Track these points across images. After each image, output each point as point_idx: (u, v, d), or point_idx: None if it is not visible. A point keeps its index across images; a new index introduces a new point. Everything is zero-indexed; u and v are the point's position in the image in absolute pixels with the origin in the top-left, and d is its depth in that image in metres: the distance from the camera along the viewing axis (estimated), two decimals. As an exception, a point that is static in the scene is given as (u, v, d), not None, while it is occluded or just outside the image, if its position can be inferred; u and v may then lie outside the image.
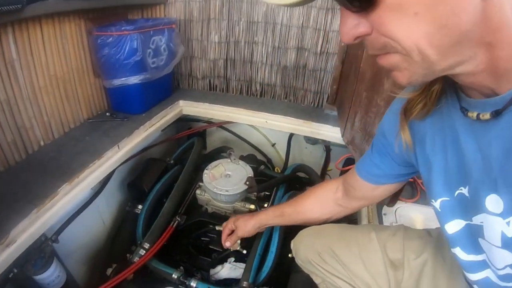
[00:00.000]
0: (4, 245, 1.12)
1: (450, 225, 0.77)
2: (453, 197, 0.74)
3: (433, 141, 0.76)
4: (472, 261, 0.75)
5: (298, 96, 2.28)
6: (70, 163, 1.50)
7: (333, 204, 1.20)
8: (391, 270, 1.02)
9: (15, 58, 1.40)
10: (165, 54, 2.01)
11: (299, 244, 1.26)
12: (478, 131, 0.62)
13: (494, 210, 0.62)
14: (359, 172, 1.04)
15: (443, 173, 0.75)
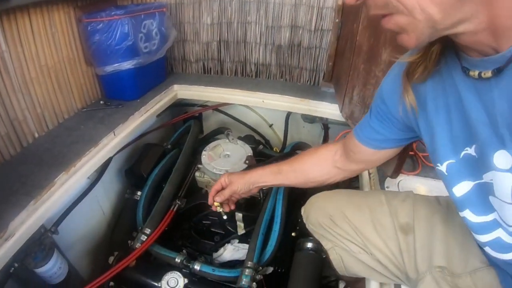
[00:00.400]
0: (2, 239, 1.11)
1: (458, 188, 0.78)
2: (459, 159, 0.74)
3: (435, 104, 0.76)
4: (482, 222, 0.76)
5: (294, 74, 2.26)
6: (66, 153, 1.48)
7: (331, 166, 1.20)
8: (401, 235, 1.01)
9: (4, 49, 1.38)
10: (157, 38, 1.98)
11: (310, 208, 1.25)
12: (481, 90, 0.62)
13: (503, 166, 0.62)
14: (358, 137, 1.04)
15: (448, 135, 0.75)
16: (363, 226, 1.08)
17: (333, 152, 1.19)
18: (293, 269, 1.49)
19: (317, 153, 1.25)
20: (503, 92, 0.59)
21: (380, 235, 1.05)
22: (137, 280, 1.35)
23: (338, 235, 1.13)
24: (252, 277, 1.31)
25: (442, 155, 0.78)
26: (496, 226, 0.74)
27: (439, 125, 0.76)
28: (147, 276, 1.34)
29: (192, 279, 1.31)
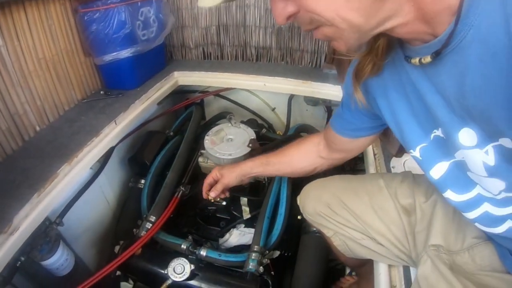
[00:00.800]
0: (7, 234, 1.11)
1: (434, 170, 0.79)
2: (430, 141, 0.76)
3: (396, 93, 0.78)
4: (466, 200, 0.77)
5: (295, 57, 2.24)
6: (68, 144, 1.48)
7: (316, 156, 1.24)
8: (405, 216, 1.01)
9: (1, 44, 1.37)
10: (154, 25, 1.96)
11: (306, 198, 1.26)
12: (431, 75, 0.64)
13: (469, 143, 0.64)
14: (333, 128, 1.08)
15: (414, 121, 0.77)
16: (364, 212, 1.08)
17: (316, 144, 1.24)
18: (299, 252, 1.50)
19: (302, 145, 1.30)
20: (449, 75, 0.60)
21: (383, 220, 1.04)
22: (143, 268, 1.35)
23: (338, 223, 1.13)
24: (259, 261, 1.31)
25: (414, 141, 0.80)
26: (481, 201, 0.75)
27: (404, 113, 0.78)
28: (153, 263, 1.34)
29: (199, 265, 1.31)
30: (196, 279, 1.27)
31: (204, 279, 1.28)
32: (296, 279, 1.43)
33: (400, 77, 0.74)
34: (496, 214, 0.74)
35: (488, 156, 0.62)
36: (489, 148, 0.61)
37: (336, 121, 1.08)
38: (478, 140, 0.63)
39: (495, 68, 0.50)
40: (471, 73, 0.55)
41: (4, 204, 1.18)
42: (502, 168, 0.62)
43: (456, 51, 0.56)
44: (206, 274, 1.30)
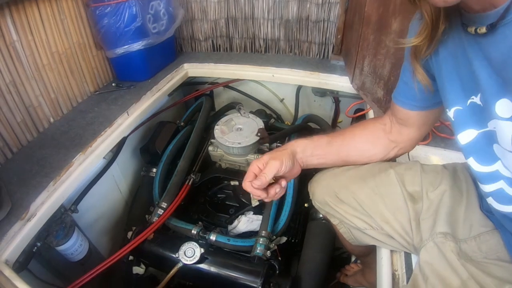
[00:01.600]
0: (25, 220, 1.17)
1: (463, 135, 0.81)
2: (466, 106, 0.78)
3: (446, 52, 0.79)
4: (485, 172, 0.79)
5: (303, 49, 2.26)
6: (82, 134, 1.54)
7: (386, 140, 1.12)
8: (411, 203, 1.01)
9: (15, 39, 1.42)
10: (165, 18, 2.00)
11: (316, 186, 1.23)
12: (482, 44, 0.66)
13: (504, 115, 0.66)
14: (396, 100, 1.02)
15: (456, 83, 0.78)
16: (370, 200, 1.07)
17: (382, 126, 1.12)
18: (306, 238, 1.54)
19: (367, 127, 1.16)
20: (498, 47, 0.62)
21: (388, 206, 1.04)
22: (155, 252, 1.40)
23: (344, 212, 1.13)
24: (266, 246, 1.35)
25: (451, 101, 0.81)
26: (499, 178, 0.77)
27: (449, 71, 0.80)
28: (165, 247, 1.39)
29: (208, 249, 1.35)
30: (206, 263, 1.32)
31: (213, 262, 1.32)
32: (302, 264, 1.47)
33: (453, 39, 0.76)
34: (510, 194, 0.76)
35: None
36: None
37: (399, 93, 1.01)
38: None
39: None
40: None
41: (22, 192, 1.25)
42: None
43: (509, 26, 0.59)
44: (215, 257, 1.34)
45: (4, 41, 1.37)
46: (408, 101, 0.99)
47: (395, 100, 1.02)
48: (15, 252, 1.13)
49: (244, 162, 1.80)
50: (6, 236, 1.11)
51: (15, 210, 1.18)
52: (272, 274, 1.33)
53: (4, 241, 1.10)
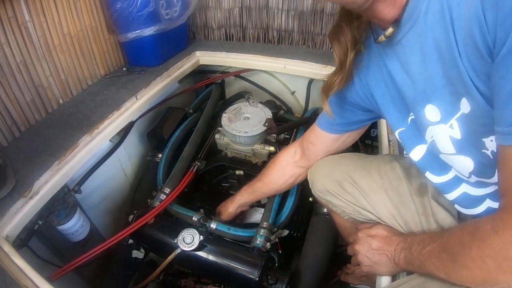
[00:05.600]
0: (27, 197, 1.19)
1: (414, 153, 0.86)
2: (407, 125, 0.83)
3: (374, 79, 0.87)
4: (444, 181, 0.82)
5: (317, 41, 2.23)
6: (90, 116, 1.55)
7: (293, 167, 1.32)
8: (417, 197, 1.01)
9: (28, 20, 1.44)
10: (178, 5, 2.00)
11: (316, 173, 1.24)
12: (400, 54, 0.72)
13: (433, 119, 0.71)
14: (320, 125, 1.13)
15: (391, 106, 0.85)
16: (374, 192, 1.08)
17: (291, 155, 1.32)
18: (308, 232, 1.53)
19: (278, 160, 1.37)
20: (413, 50, 0.68)
21: (393, 201, 1.04)
22: (155, 236, 1.40)
23: (347, 201, 1.13)
24: (266, 237, 1.35)
25: (393, 125, 0.88)
26: (459, 182, 0.80)
27: (382, 98, 0.86)
28: (164, 232, 1.39)
29: (208, 237, 1.35)
30: (204, 250, 1.31)
31: (211, 250, 1.32)
32: (303, 257, 1.46)
33: (377, 63, 0.82)
34: (474, 194, 0.78)
35: (454, 130, 0.68)
36: (453, 122, 0.67)
37: (324, 118, 1.12)
38: (441, 115, 0.69)
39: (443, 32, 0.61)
40: (427, 41, 0.64)
41: (26, 170, 1.27)
42: (467, 142, 0.67)
43: (416, 25, 0.65)
44: (214, 246, 1.34)
45: (17, 21, 1.39)
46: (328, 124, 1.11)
47: (317, 124, 1.16)
48: (16, 229, 1.15)
49: (250, 152, 1.79)
50: (8, 212, 1.13)
51: (19, 187, 1.20)
52: (271, 266, 1.33)
53: (6, 216, 1.12)
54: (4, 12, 1.33)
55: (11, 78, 1.39)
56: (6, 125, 1.40)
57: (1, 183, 1.17)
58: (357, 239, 1.05)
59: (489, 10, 0.51)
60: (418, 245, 0.82)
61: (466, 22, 0.56)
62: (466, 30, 0.57)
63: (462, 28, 0.58)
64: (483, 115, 0.60)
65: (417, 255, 0.81)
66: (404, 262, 0.88)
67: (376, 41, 0.77)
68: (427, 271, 0.77)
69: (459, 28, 0.58)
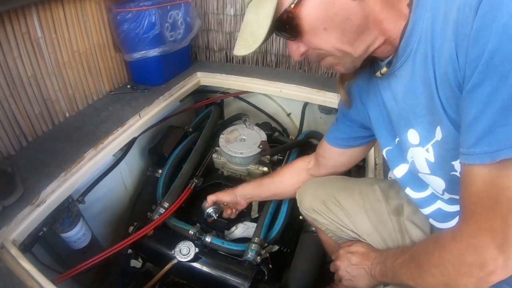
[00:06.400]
0: (34, 205, 1.26)
1: (397, 170, 0.97)
2: (394, 145, 0.94)
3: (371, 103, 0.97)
4: (422, 198, 0.93)
5: (312, 66, 2.33)
6: (95, 131, 1.63)
7: (305, 174, 1.39)
8: (394, 216, 1.11)
9: (40, 36, 1.52)
10: (182, 27, 2.09)
11: (303, 193, 1.34)
12: (392, 84, 0.84)
13: (414, 142, 0.82)
14: (327, 139, 1.23)
15: (383, 127, 0.95)
16: (355, 211, 1.18)
17: (306, 162, 1.39)
18: (298, 248, 1.60)
19: (293, 165, 1.46)
20: (402, 81, 0.80)
21: (372, 220, 1.14)
22: (153, 247, 1.47)
23: (331, 220, 1.23)
24: (257, 252, 1.42)
25: (382, 143, 0.99)
26: (435, 199, 0.90)
27: (376, 120, 0.97)
28: (162, 244, 1.46)
29: (203, 250, 1.42)
30: (199, 262, 1.38)
31: (205, 262, 1.39)
32: (292, 272, 1.53)
33: (374, 90, 0.94)
34: (447, 210, 0.88)
35: (429, 153, 0.78)
36: (429, 147, 0.78)
37: (330, 133, 1.22)
38: (420, 139, 0.80)
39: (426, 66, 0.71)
40: (415, 75, 0.75)
41: (34, 179, 1.33)
42: (439, 165, 0.77)
43: (408, 62, 0.76)
44: (208, 258, 1.41)
45: (29, 37, 1.47)
46: (333, 139, 1.19)
47: (325, 138, 1.25)
48: (23, 234, 1.21)
49: (245, 172, 1.87)
50: (16, 218, 1.19)
51: (27, 195, 1.26)
52: (260, 279, 1.39)
53: (14, 222, 1.18)
54: (18, 27, 1.42)
55: (21, 90, 1.48)
56: (15, 135, 1.48)
57: (10, 190, 1.24)
58: (338, 255, 1.16)
59: (461, 54, 0.61)
60: (391, 258, 0.92)
61: (444, 62, 0.66)
62: (443, 68, 0.66)
63: (440, 67, 0.67)
64: (453, 141, 0.70)
65: (391, 267, 0.91)
66: (379, 274, 0.98)
67: (375, 75, 0.88)
68: (399, 281, 0.87)
69: (438, 66, 0.68)
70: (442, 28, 0.66)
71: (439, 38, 0.67)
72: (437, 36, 0.67)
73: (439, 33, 0.67)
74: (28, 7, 1.43)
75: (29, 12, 1.45)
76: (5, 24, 1.36)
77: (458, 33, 0.61)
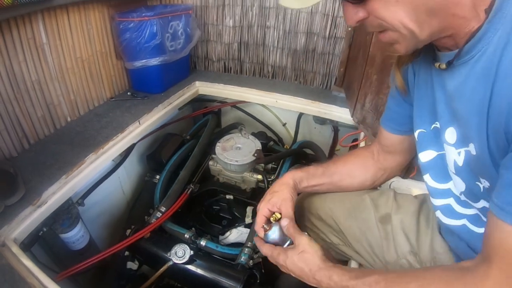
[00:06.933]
0: (36, 206, 1.30)
1: (424, 154, 0.96)
2: (429, 130, 0.93)
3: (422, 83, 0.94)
4: (438, 188, 0.94)
5: (308, 78, 2.40)
6: (96, 136, 1.68)
7: (375, 166, 1.23)
8: (381, 224, 1.14)
9: (45, 42, 1.58)
10: (182, 38, 2.16)
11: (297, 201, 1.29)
12: (444, 76, 0.81)
13: (450, 140, 0.82)
14: (383, 124, 1.16)
15: (424, 108, 0.94)
16: (345, 220, 1.21)
17: (372, 152, 1.24)
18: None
19: (357, 155, 1.28)
20: (455, 80, 0.77)
21: (361, 228, 1.17)
22: (149, 249, 1.51)
23: (322, 227, 1.28)
24: (250, 256, 1.46)
25: (417, 124, 0.97)
26: (449, 195, 0.92)
27: (419, 98, 0.95)
28: (158, 247, 1.50)
29: (198, 253, 1.47)
30: (193, 264, 1.43)
31: (200, 265, 1.43)
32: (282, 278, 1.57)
33: (426, 72, 0.91)
34: (456, 210, 0.91)
35: (459, 157, 0.80)
36: (462, 151, 0.79)
37: (385, 116, 1.15)
38: (456, 140, 0.80)
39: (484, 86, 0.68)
40: (469, 81, 0.72)
41: (35, 181, 1.38)
42: (465, 171, 0.80)
43: (465, 65, 0.74)
44: (202, 260, 1.45)
45: (35, 42, 1.53)
46: (392, 125, 1.13)
47: (382, 124, 1.16)
48: (24, 233, 1.25)
49: (240, 179, 1.92)
50: (17, 218, 1.23)
51: (28, 196, 1.30)
52: (253, 282, 1.44)
53: (15, 221, 1.22)
54: (24, 32, 1.47)
55: (25, 94, 1.53)
56: (17, 137, 1.53)
57: (12, 191, 1.28)
58: None
59: None
60: None
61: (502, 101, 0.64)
62: (499, 106, 0.65)
63: (497, 101, 0.65)
64: (482, 163, 0.72)
65: None
66: None
67: (434, 65, 0.84)
68: None
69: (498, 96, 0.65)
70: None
71: (508, 69, 0.64)
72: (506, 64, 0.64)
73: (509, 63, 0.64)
74: (34, 14, 1.49)
75: (35, 18, 1.50)
76: (12, 29, 1.42)
77: None
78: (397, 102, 1.08)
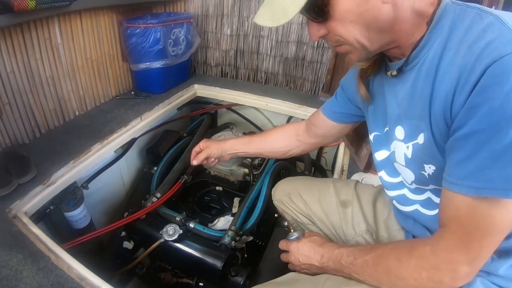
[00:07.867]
0: (45, 185, 1.48)
1: (379, 154, 1.10)
2: (383, 133, 1.06)
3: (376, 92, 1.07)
4: (392, 182, 1.08)
5: (298, 84, 2.59)
6: (101, 129, 1.86)
7: (294, 138, 1.45)
8: (341, 208, 1.32)
9: (59, 42, 1.77)
10: (183, 44, 2.36)
11: (276, 189, 1.56)
12: (396, 83, 0.94)
13: (399, 137, 0.94)
14: (324, 111, 1.31)
15: (377, 114, 1.07)
16: (311, 202, 1.39)
17: (297, 128, 1.45)
18: (270, 241, 1.79)
19: (285, 128, 1.52)
20: (404, 84, 0.89)
21: (324, 209, 1.36)
22: (144, 229, 1.68)
23: (293, 209, 1.45)
24: (232, 238, 1.62)
25: (372, 128, 1.11)
26: (402, 186, 1.06)
27: (374, 105, 1.08)
28: (152, 227, 1.67)
29: (186, 233, 1.63)
30: (182, 243, 1.59)
31: (187, 244, 1.60)
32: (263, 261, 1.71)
33: (379, 83, 1.03)
34: (409, 198, 1.04)
35: (408, 150, 0.91)
36: (410, 145, 0.90)
37: (328, 105, 1.29)
38: (404, 136, 0.91)
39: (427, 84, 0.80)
40: (416, 83, 0.84)
41: (46, 164, 1.56)
42: (413, 162, 0.93)
43: (413, 70, 0.85)
44: (190, 240, 1.62)
45: (50, 43, 1.72)
46: (331, 113, 1.29)
47: (323, 110, 1.32)
48: (33, 208, 1.42)
49: (229, 172, 2.10)
50: (28, 194, 1.41)
51: (39, 177, 1.49)
52: (234, 263, 1.59)
53: (26, 197, 1.40)
54: (42, 33, 1.67)
55: (40, 87, 1.72)
56: (30, 126, 1.72)
57: (25, 171, 1.46)
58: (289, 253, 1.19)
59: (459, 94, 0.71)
60: (348, 256, 0.99)
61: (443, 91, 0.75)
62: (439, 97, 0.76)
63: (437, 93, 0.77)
64: (430, 150, 0.83)
65: (348, 265, 0.98)
66: (332, 269, 1.04)
67: (386, 74, 0.95)
68: (358, 279, 0.95)
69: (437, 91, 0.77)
70: (450, 59, 0.75)
71: (445, 68, 0.75)
72: (444, 64, 0.76)
73: (446, 63, 0.75)
74: (51, 17, 1.68)
75: (52, 21, 1.70)
76: (31, 30, 1.61)
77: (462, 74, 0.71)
78: (343, 102, 1.24)
